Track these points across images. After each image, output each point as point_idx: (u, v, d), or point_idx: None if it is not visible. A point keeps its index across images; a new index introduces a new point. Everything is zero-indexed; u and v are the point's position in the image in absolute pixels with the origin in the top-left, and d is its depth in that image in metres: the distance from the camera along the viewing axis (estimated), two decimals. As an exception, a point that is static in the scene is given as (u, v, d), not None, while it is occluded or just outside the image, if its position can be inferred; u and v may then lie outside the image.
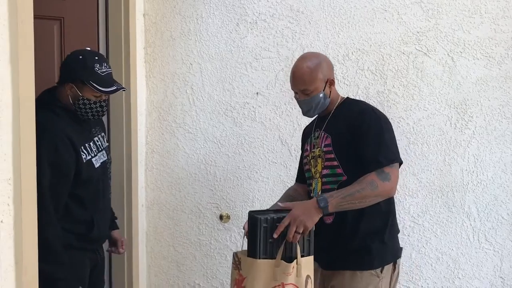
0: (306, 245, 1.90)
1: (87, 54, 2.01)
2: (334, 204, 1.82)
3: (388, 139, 1.94)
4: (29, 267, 1.64)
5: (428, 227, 2.89)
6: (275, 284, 1.82)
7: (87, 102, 1.97)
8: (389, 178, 1.86)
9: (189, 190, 2.99)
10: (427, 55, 2.85)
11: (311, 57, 2.08)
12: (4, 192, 1.54)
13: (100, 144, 2.11)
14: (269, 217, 1.85)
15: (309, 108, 2.05)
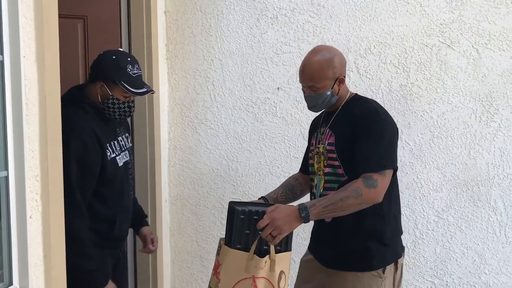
0: (284, 241, 1.88)
1: (120, 54, 2.03)
2: (315, 214, 1.79)
3: (385, 144, 1.87)
4: (57, 262, 1.68)
5: (452, 222, 2.86)
6: (246, 276, 1.84)
7: (116, 102, 1.99)
8: (375, 185, 1.79)
9: (211, 186, 3.01)
10: (451, 48, 2.80)
11: (324, 52, 1.97)
12: (32, 188, 1.57)
13: (123, 144, 2.13)
14: (246, 209, 1.87)
15: (315, 104, 1.99)
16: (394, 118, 2.82)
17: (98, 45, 2.62)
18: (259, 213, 1.86)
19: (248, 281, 1.84)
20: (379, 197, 1.82)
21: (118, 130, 2.12)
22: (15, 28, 1.51)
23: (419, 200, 2.86)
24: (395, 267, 1.95)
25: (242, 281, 1.85)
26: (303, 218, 1.78)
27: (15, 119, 1.53)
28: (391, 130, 1.92)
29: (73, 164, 1.84)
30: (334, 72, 1.93)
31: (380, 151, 1.84)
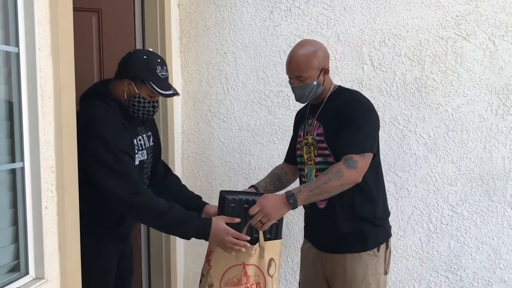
0: (274, 229, 1.98)
1: (151, 55, 2.03)
2: (302, 199, 1.89)
3: (367, 130, 1.97)
4: (72, 252, 1.70)
5: (467, 216, 2.83)
6: (236, 263, 1.93)
7: (141, 101, 2.00)
8: (356, 166, 1.89)
9: (224, 179, 3.02)
10: (466, 40, 2.76)
11: (309, 44, 2.08)
12: (47, 179, 1.60)
13: (142, 143, 2.13)
14: (237, 198, 1.95)
15: (302, 95, 2.07)
16: (409, 111, 2.83)
17: (112, 38, 2.65)
18: (249, 202, 1.94)
19: (238, 267, 1.93)
20: (359, 177, 1.91)
21: (139, 129, 2.12)
22: (30, 21, 1.53)
23: (433, 194, 2.84)
24: (386, 245, 2.07)
25: (232, 267, 1.93)
26: (291, 204, 1.88)
27: (31, 111, 1.55)
28: (372, 118, 2.02)
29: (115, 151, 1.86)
30: (319, 62, 2.02)
31: (361, 136, 1.95)
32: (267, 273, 1.96)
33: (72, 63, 1.69)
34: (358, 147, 1.93)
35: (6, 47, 1.50)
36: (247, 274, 1.94)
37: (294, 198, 1.88)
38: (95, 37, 2.63)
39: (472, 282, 2.85)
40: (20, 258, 1.57)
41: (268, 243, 1.96)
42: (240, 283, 1.93)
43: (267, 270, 1.96)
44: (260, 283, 1.97)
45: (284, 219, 2.90)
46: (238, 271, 1.93)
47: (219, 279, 1.94)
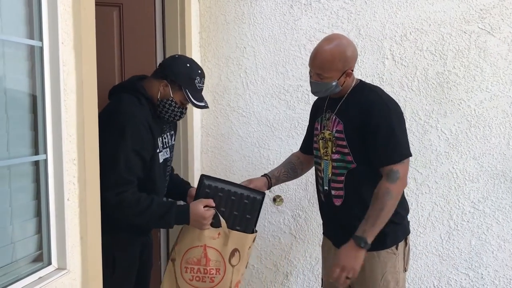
0: (244, 222, 2.05)
1: (194, 65, 2.10)
2: (371, 236, 1.88)
3: (399, 135, 1.94)
4: (93, 243, 1.73)
5: (489, 213, 2.79)
6: (198, 244, 2.00)
7: (172, 104, 2.05)
8: (399, 176, 1.88)
9: (243, 173, 3.02)
10: (490, 34, 2.71)
11: (338, 43, 1.98)
12: (70, 172, 1.62)
13: (166, 141, 2.17)
14: (213, 185, 2.06)
15: (318, 90, 2.04)
16: (430, 106, 2.79)
17: (133, 33, 2.66)
18: (224, 191, 2.05)
19: (199, 249, 2.00)
20: (405, 183, 1.93)
21: (165, 127, 2.16)
22: (54, 16, 1.55)
23: (454, 190, 2.80)
24: (405, 242, 2.05)
25: (194, 248, 2.00)
26: (365, 247, 1.87)
27: (54, 104, 1.57)
28: (399, 117, 1.99)
29: (127, 151, 1.90)
30: (344, 65, 1.95)
31: (396, 142, 1.92)
32: (228, 262, 2.00)
33: (94, 57, 1.71)
34: (396, 156, 1.90)
35: (30, 41, 1.52)
36: (207, 256, 1.99)
37: (364, 241, 1.86)
38: (116, 31, 2.65)
39: (494, 281, 2.81)
40: (43, 249, 1.60)
41: (235, 233, 2.01)
42: (199, 263, 1.99)
43: (229, 259, 2.00)
44: (220, 269, 2.00)
45: (303, 214, 2.91)
46: (199, 252, 1.99)
47: (181, 256, 2.02)
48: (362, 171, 1.97)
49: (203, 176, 2.09)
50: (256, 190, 2.14)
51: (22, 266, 1.53)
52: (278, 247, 3.01)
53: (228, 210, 2.06)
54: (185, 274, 2.01)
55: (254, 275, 3.06)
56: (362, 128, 1.94)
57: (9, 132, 1.48)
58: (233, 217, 2.06)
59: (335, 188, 2.04)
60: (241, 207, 2.08)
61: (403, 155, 1.92)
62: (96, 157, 1.74)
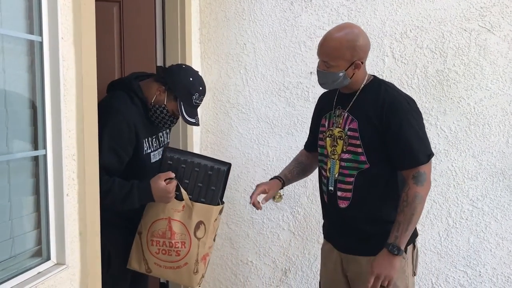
0: (210, 194, 2.01)
1: (197, 80, 2.07)
2: (403, 242, 1.81)
3: (422, 134, 1.87)
4: (92, 239, 1.73)
5: (487, 211, 2.79)
6: (163, 216, 1.99)
7: (164, 111, 2.03)
8: (425, 178, 1.82)
9: (242, 170, 3.03)
10: (491, 32, 2.71)
11: (348, 30, 1.88)
12: (69, 167, 1.62)
13: (162, 139, 2.16)
14: (175, 156, 2.02)
15: (325, 82, 1.93)
16: (430, 104, 2.79)
17: (132, 29, 2.66)
18: (187, 162, 2.01)
19: (164, 221, 1.98)
20: (430, 183, 1.86)
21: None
22: (53, 10, 1.54)
23: (453, 188, 2.81)
24: (413, 246, 1.96)
25: (159, 220, 1.99)
26: (398, 254, 1.80)
27: (53, 99, 1.57)
28: (420, 117, 1.92)
29: (104, 147, 1.87)
30: (352, 54, 1.84)
31: (420, 141, 1.84)
32: (193, 235, 1.98)
33: (93, 52, 1.71)
34: (423, 156, 1.82)
35: (30, 36, 1.52)
36: (172, 229, 1.98)
37: (397, 247, 1.79)
38: (116, 27, 2.64)
39: (492, 278, 2.81)
40: (42, 244, 1.60)
41: (199, 206, 1.99)
42: (164, 236, 1.98)
43: (194, 232, 1.98)
44: (186, 242, 1.99)
45: (302, 210, 2.91)
46: (164, 225, 1.98)
47: (147, 228, 2.01)
48: (375, 173, 1.87)
49: (165, 149, 2.07)
50: (222, 161, 2.07)
51: (21, 261, 1.53)
52: (277, 244, 3.02)
53: (192, 182, 2.01)
54: (151, 247, 1.99)
55: (252, 272, 3.06)
56: (381, 128, 1.84)
57: (8, 127, 1.47)
58: (198, 189, 2.02)
59: (342, 190, 1.93)
60: (205, 179, 2.02)
61: (429, 155, 1.84)
62: (95, 152, 1.74)
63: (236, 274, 3.09)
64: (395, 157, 1.85)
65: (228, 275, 3.09)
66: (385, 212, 1.90)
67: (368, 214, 1.90)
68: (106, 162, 1.88)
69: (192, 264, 2.00)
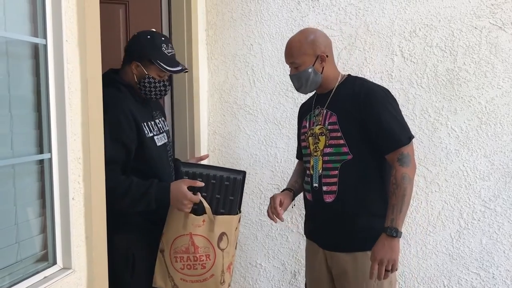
0: (228, 204, 2.01)
1: (155, 34, 2.05)
2: (400, 223, 1.83)
3: (400, 118, 1.94)
4: (99, 243, 1.71)
5: (500, 212, 2.74)
6: (184, 233, 1.97)
7: (152, 81, 2.01)
8: (410, 159, 1.87)
9: (250, 171, 3.00)
10: (502, 29, 2.66)
11: (306, 31, 2.03)
12: (75, 171, 1.61)
13: (161, 126, 2.15)
14: (190, 171, 2.04)
15: (300, 84, 2.01)
16: (440, 103, 2.76)
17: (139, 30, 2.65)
18: (203, 175, 2.02)
19: (185, 237, 1.97)
20: (415, 164, 1.91)
21: (155, 113, 2.15)
22: (57, 13, 1.53)
23: (465, 189, 2.76)
24: None
25: (180, 237, 1.97)
26: (397, 235, 1.81)
27: (58, 102, 1.56)
28: (396, 102, 1.99)
29: (107, 141, 1.83)
30: (313, 48, 1.96)
31: (401, 124, 1.92)
32: (217, 246, 1.97)
33: (98, 54, 1.69)
34: (404, 138, 1.89)
35: (34, 38, 1.51)
36: (194, 244, 1.96)
37: (394, 229, 1.81)
38: (122, 29, 2.65)
39: (505, 280, 2.76)
40: (48, 248, 1.59)
41: (220, 218, 1.98)
42: (188, 252, 1.97)
43: (217, 243, 1.97)
44: (210, 255, 1.97)
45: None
46: (186, 241, 1.97)
47: (169, 246, 1.99)
48: (358, 163, 1.93)
49: (180, 164, 2.07)
50: (236, 170, 2.10)
51: (27, 265, 1.52)
52: (286, 246, 2.99)
53: (209, 194, 2.01)
54: (176, 264, 1.98)
55: (261, 274, 3.04)
56: (360, 118, 1.91)
57: (13, 131, 1.47)
58: (216, 201, 2.02)
59: (327, 184, 1.97)
60: (222, 190, 2.03)
61: (409, 136, 1.91)
62: (101, 155, 1.73)
63: (245, 277, 3.06)
64: (378, 142, 1.91)
65: (237, 278, 3.07)
66: (371, 204, 1.93)
67: (354, 207, 1.93)
68: (114, 155, 1.86)
69: (218, 275, 1.99)
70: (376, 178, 1.95)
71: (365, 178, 1.93)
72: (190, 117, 2.81)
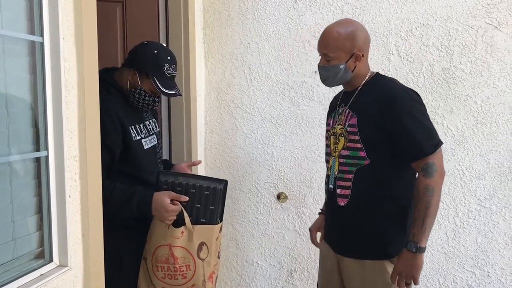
0: (209, 214, 1.99)
1: (162, 51, 2.02)
2: (422, 237, 1.74)
3: (426, 123, 1.80)
4: (95, 240, 1.72)
5: (496, 211, 2.75)
6: (164, 243, 1.96)
7: (142, 93, 2.00)
8: (435, 169, 1.74)
9: (247, 170, 3.01)
10: (498, 29, 2.68)
11: (347, 23, 1.89)
12: (71, 168, 1.61)
13: (151, 128, 2.14)
14: (169, 180, 1.99)
15: (327, 77, 1.90)
16: (436, 102, 2.77)
17: (136, 29, 2.66)
18: (182, 185, 1.98)
19: (165, 248, 1.96)
20: (443, 174, 1.78)
21: (145, 114, 2.14)
22: (54, 10, 1.53)
23: (460, 187, 2.78)
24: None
25: (161, 246, 1.97)
26: (419, 251, 1.74)
27: (55, 100, 1.55)
28: (423, 106, 1.85)
29: None
30: (351, 45, 1.83)
31: (426, 131, 1.78)
32: (197, 256, 1.97)
33: (95, 52, 1.69)
34: (428, 147, 1.75)
35: (30, 36, 1.51)
36: (174, 255, 1.95)
37: (414, 244, 1.74)
38: (120, 27, 2.65)
39: (500, 279, 2.78)
40: (44, 246, 1.59)
41: (199, 228, 1.97)
42: (167, 262, 1.96)
43: (197, 253, 1.97)
44: (190, 265, 1.97)
45: (307, 211, 2.89)
46: (165, 251, 1.96)
47: (151, 254, 1.99)
48: (375, 169, 1.82)
49: (159, 173, 2.02)
50: (217, 179, 2.04)
51: (24, 263, 1.52)
52: (282, 244, 3.00)
53: (189, 203, 1.98)
54: (157, 273, 1.98)
55: (258, 272, 3.04)
56: (381, 122, 1.78)
57: (9, 129, 1.46)
58: (196, 210, 1.99)
59: (341, 187, 1.89)
60: (202, 199, 2.00)
61: (436, 144, 1.77)
62: (97, 153, 1.73)
63: (241, 275, 3.07)
64: (400, 150, 1.80)
65: (233, 276, 3.07)
66: (385, 213, 1.84)
67: (366, 214, 1.85)
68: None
69: (199, 285, 1.99)
70: (394, 186, 1.84)
71: (381, 186, 1.83)
72: (187, 116, 2.82)
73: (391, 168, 1.83)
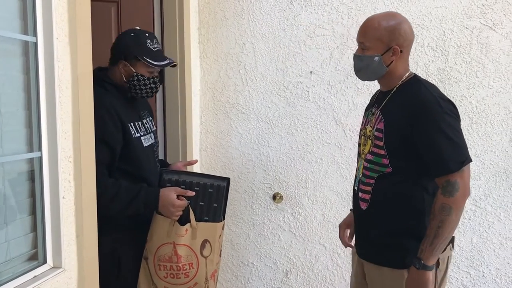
0: (212, 212, 2.00)
1: (138, 31, 2.04)
2: (429, 256, 1.65)
3: (455, 138, 1.66)
4: (89, 241, 1.71)
5: (491, 211, 2.76)
6: (168, 241, 1.95)
7: (141, 79, 1.99)
8: (457, 188, 1.63)
9: (242, 170, 3.00)
10: (493, 29, 2.68)
11: (391, 16, 1.79)
12: (65, 169, 1.60)
13: (148, 126, 2.14)
14: (172, 178, 2.00)
15: (360, 67, 1.81)
16: (431, 103, 2.75)
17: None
18: (186, 183, 1.98)
19: (169, 246, 1.95)
20: (467, 193, 1.67)
21: (143, 113, 2.13)
22: (48, 10, 1.53)
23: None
24: (437, 263, 1.73)
25: (164, 245, 1.96)
26: (420, 268, 1.66)
27: (48, 100, 1.55)
28: (455, 119, 1.71)
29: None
30: (390, 38, 1.73)
31: (452, 147, 1.65)
32: (200, 254, 1.96)
33: (89, 52, 1.69)
34: (452, 164, 1.63)
35: (24, 36, 1.50)
36: (177, 253, 1.94)
37: (419, 261, 1.65)
38: (114, 28, 2.63)
39: (495, 279, 2.79)
40: (38, 247, 1.58)
41: (203, 225, 1.97)
42: (171, 261, 1.95)
43: (200, 251, 1.96)
44: (193, 263, 1.96)
45: (303, 211, 2.88)
46: (169, 249, 1.95)
47: (153, 254, 1.98)
48: (397, 179, 1.73)
49: (162, 172, 2.03)
50: (220, 177, 2.06)
51: (17, 264, 1.51)
52: (278, 245, 2.99)
53: (193, 201, 1.99)
54: (159, 272, 1.97)
55: (253, 273, 3.04)
56: (407, 132, 1.68)
57: (3, 129, 1.46)
58: (200, 208, 2.00)
59: (362, 191, 1.83)
60: (206, 197, 2.01)
61: (463, 162, 1.64)
62: (92, 154, 1.72)
63: (237, 276, 3.06)
64: (424, 164, 1.69)
65: (229, 277, 3.07)
66: (404, 223, 1.76)
67: (384, 222, 1.78)
68: (99, 157, 1.82)
69: (202, 283, 1.99)
70: (416, 200, 1.73)
71: (401, 196, 1.74)
72: (182, 116, 2.81)
73: (414, 181, 1.73)
